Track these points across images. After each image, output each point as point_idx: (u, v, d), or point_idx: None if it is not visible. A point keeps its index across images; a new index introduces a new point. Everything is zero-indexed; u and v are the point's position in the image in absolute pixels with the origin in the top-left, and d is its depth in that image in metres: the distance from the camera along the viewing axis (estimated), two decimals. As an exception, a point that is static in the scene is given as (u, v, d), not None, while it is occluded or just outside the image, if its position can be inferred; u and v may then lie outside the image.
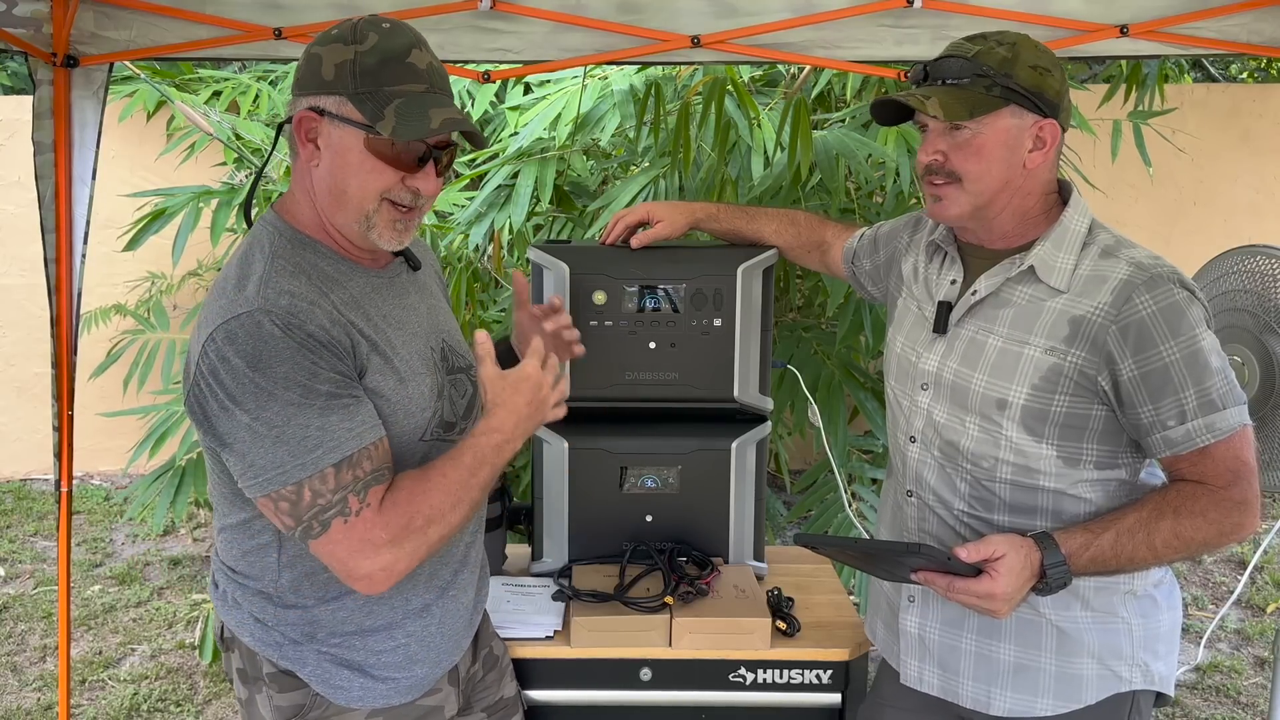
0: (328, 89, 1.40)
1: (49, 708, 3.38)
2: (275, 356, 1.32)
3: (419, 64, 1.41)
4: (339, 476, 1.35)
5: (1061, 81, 1.55)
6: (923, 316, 1.71)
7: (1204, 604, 4.24)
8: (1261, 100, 5.65)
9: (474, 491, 1.44)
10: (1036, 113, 1.53)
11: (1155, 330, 1.47)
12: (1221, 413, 1.47)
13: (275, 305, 1.35)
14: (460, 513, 1.43)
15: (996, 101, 1.52)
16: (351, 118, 1.39)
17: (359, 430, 1.37)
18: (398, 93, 1.39)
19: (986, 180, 1.55)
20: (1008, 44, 1.53)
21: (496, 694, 1.77)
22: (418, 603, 1.54)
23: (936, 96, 1.53)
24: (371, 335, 1.44)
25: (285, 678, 1.52)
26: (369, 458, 1.38)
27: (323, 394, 1.34)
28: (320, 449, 1.34)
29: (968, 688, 1.65)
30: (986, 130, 1.53)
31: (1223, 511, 1.48)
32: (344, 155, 1.41)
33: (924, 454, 1.67)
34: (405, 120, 1.37)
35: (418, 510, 1.39)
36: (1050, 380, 1.53)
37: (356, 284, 1.48)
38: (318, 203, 1.46)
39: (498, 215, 3.27)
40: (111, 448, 4.95)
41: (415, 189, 1.44)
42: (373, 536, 1.36)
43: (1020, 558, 1.47)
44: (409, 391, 1.47)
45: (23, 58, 2.37)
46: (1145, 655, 1.61)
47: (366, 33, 1.40)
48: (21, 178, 5.03)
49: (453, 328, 1.66)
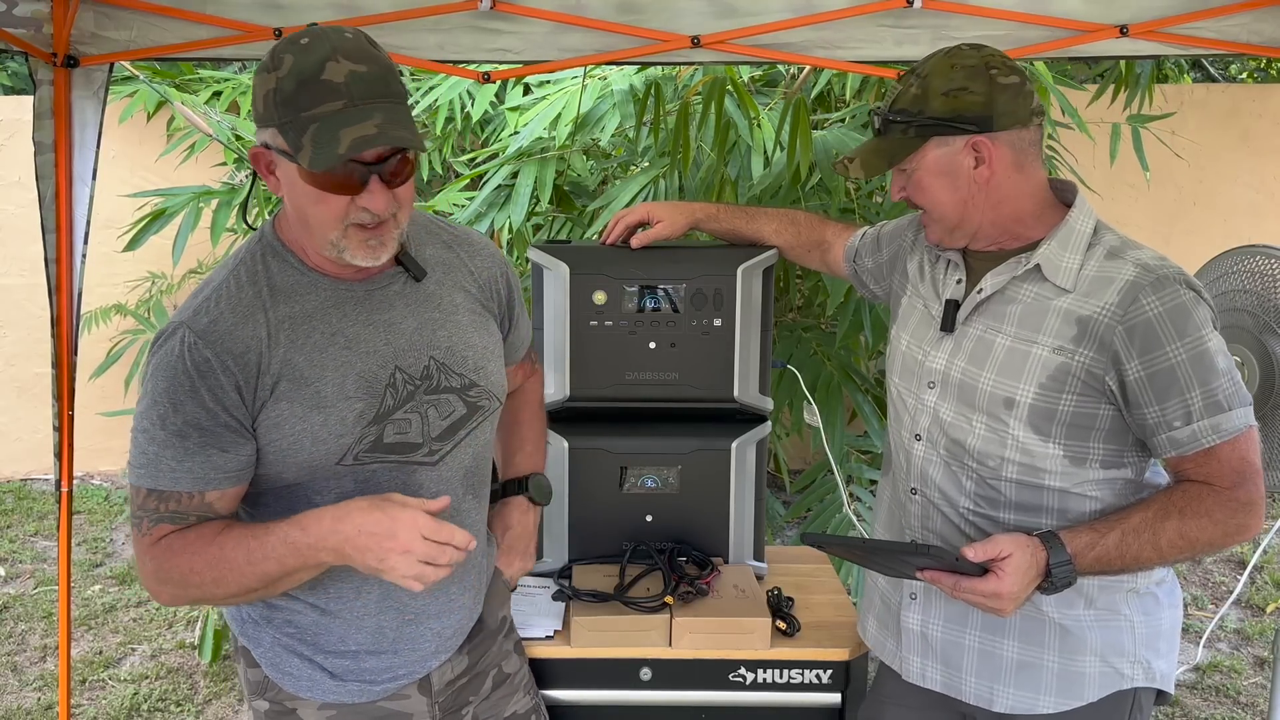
0: (263, 122, 1.36)
1: (49, 708, 3.38)
2: (165, 370, 1.40)
3: (335, 78, 1.30)
4: (146, 500, 1.42)
5: (986, 89, 1.53)
6: (929, 315, 1.71)
7: (1204, 604, 4.24)
8: (1261, 100, 5.65)
9: (249, 579, 1.39)
10: (962, 134, 1.55)
11: (1162, 331, 1.48)
12: (1227, 414, 1.48)
13: (197, 322, 1.41)
14: (226, 589, 1.40)
15: (914, 142, 1.58)
16: (283, 148, 1.34)
17: (180, 475, 1.40)
18: (314, 117, 1.30)
19: (943, 208, 1.61)
20: (920, 77, 1.58)
21: (506, 709, 1.75)
22: (370, 623, 1.54)
23: (860, 156, 1.64)
24: (294, 358, 1.43)
25: (248, 653, 1.57)
26: (177, 501, 1.41)
27: (173, 427, 1.39)
28: (145, 470, 1.41)
29: (970, 684, 1.66)
30: (919, 168, 1.60)
31: (1228, 512, 1.49)
32: (292, 187, 1.38)
33: (929, 452, 1.67)
34: (319, 148, 1.29)
35: (178, 566, 1.41)
36: (1058, 379, 1.53)
37: (314, 299, 1.47)
38: (298, 229, 1.47)
39: (497, 215, 3.27)
40: (111, 448, 4.95)
41: (364, 208, 1.36)
42: (142, 562, 1.44)
43: (1026, 557, 1.47)
44: (324, 418, 1.43)
45: (23, 58, 2.37)
46: (1147, 653, 1.61)
47: (283, 57, 1.32)
48: (21, 178, 5.03)
49: (460, 342, 1.57)
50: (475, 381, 1.57)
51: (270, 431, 1.43)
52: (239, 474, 1.43)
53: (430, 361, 1.53)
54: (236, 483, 1.44)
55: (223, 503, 1.44)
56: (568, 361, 2.05)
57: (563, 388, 2.07)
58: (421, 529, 1.32)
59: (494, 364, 1.63)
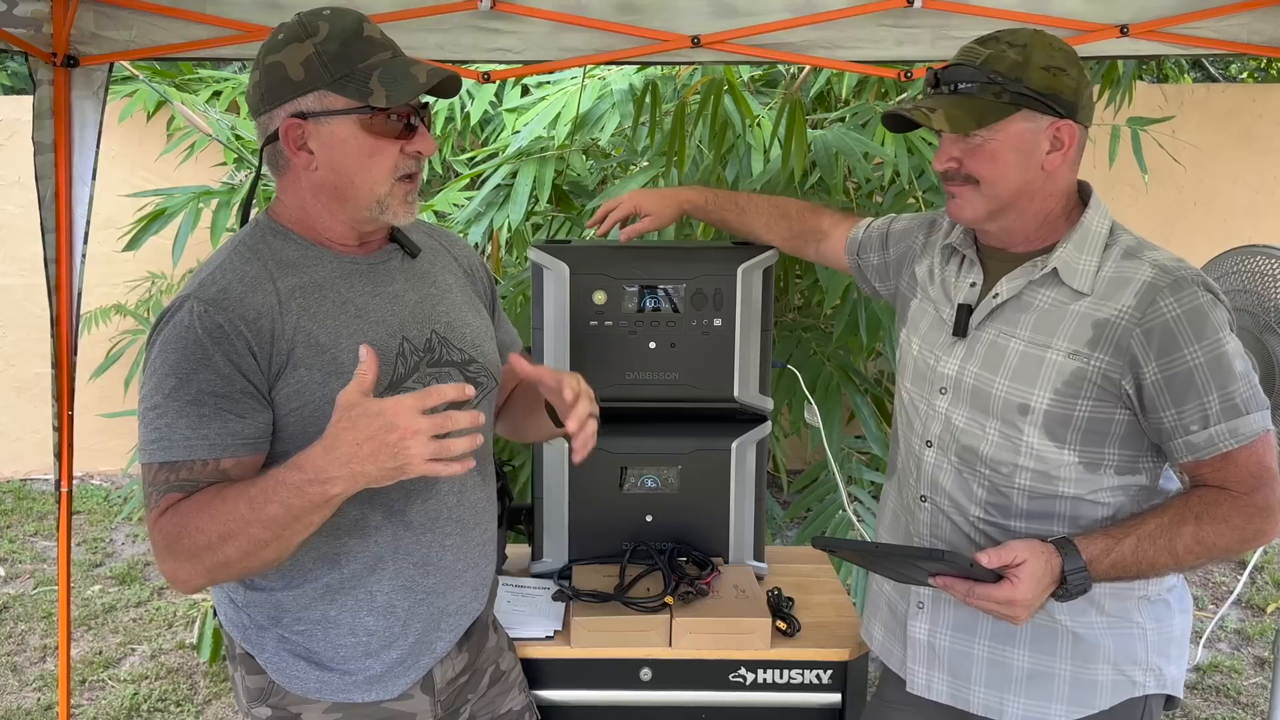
0: (302, 89, 1.40)
1: (49, 708, 3.38)
2: (175, 343, 1.38)
3: (375, 35, 1.43)
4: (158, 474, 1.38)
5: (1079, 78, 1.52)
6: (940, 319, 1.68)
7: (1204, 604, 4.24)
8: (1261, 100, 5.65)
9: (255, 529, 1.30)
10: (1052, 114, 1.51)
11: (1179, 333, 1.46)
12: (1245, 417, 1.46)
13: (205, 293, 1.40)
14: (236, 545, 1.31)
15: (1007, 108, 1.50)
16: (337, 107, 1.40)
17: (195, 443, 1.36)
18: (372, 65, 1.40)
19: (1003, 184, 1.54)
20: (1019, 46, 1.50)
21: (501, 707, 1.75)
22: (382, 600, 1.52)
23: (943, 109, 1.51)
24: (308, 326, 1.44)
25: (250, 660, 1.55)
26: (189, 469, 1.37)
27: (187, 396, 1.36)
28: (156, 445, 1.37)
29: (979, 695, 1.63)
30: (999, 136, 1.51)
31: (1245, 517, 1.47)
32: (341, 147, 1.42)
33: (940, 459, 1.64)
34: (394, 85, 1.39)
35: (184, 527, 1.34)
36: (1074, 385, 1.51)
37: (321, 270, 1.49)
38: (316, 206, 1.47)
39: (496, 214, 3.27)
40: (111, 448, 4.95)
41: (415, 152, 1.46)
42: (155, 539, 1.38)
43: (1041, 564, 1.45)
44: (343, 383, 1.39)
45: (23, 58, 2.37)
46: (1159, 659, 1.60)
47: (315, 24, 1.41)
48: (21, 178, 5.02)
49: (458, 319, 1.60)
50: (474, 358, 1.60)
51: (291, 400, 1.42)
52: (256, 442, 1.40)
53: (432, 335, 1.55)
54: (254, 451, 1.40)
55: (238, 470, 1.38)
56: (568, 361, 2.05)
57: (563, 388, 2.06)
58: (412, 405, 1.24)
59: (489, 345, 1.65)
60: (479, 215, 3.31)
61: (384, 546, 1.51)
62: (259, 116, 1.45)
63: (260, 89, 1.43)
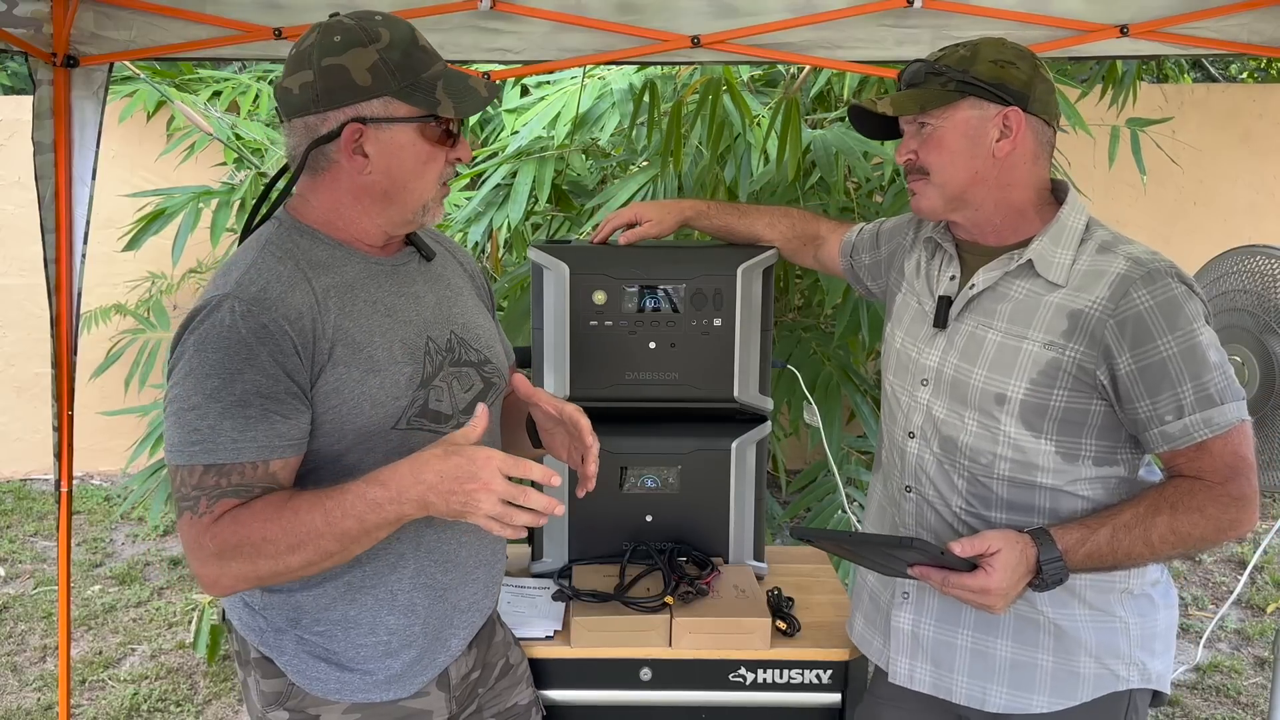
0: (367, 94, 1.41)
1: (49, 708, 3.38)
2: (216, 342, 1.36)
3: (428, 44, 1.47)
4: (204, 477, 1.35)
5: (1030, 72, 1.57)
6: (923, 311, 1.71)
7: (1204, 604, 4.24)
8: (1261, 100, 5.65)
9: (327, 541, 1.33)
10: (999, 102, 1.55)
11: (1153, 324, 1.48)
12: (1219, 408, 1.47)
13: (245, 292, 1.39)
14: (302, 556, 1.34)
15: (951, 95, 1.57)
16: (401, 114, 1.43)
17: (244, 445, 1.35)
18: (434, 75, 1.44)
19: (951, 171, 1.59)
20: (969, 44, 1.60)
21: (509, 700, 1.76)
22: (403, 599, 1.53)
23: (891, 96, 1.61)
24: (345, 324, 1.44)
25: (267, 664, 1.54)
26: (240, 473, 1.36)
27: (231, 397, 1.35)
28: (199, 446, 1.35)
29: (962, 684, 1.65)
30: (945, 123, 1.58)
31: (1220, 507, 1.48)
32: (399, 154, 1.44)
33: (923, 450, 1.67)
34: (458, 97, 1.44)
35: (248, 536, 1.34)
36: (1049, 375, 1.53)
37: (350, 270, 1.49)
38: (354, 208, 1.48)
39: (496, 214, 3.27)
40: (111, 448, 4.95)
41: (455, 160, 1.51)
42: (202, 543, 1.35)
43: (1015, 553, 1.47)
44: (380, 380, 1.45)
45: (23, 58, 2.37)
46: (1142, 654, 1.61)
47: (376, 30, 1.42)
48: (21, 178, 5.03)
49: (472, 321, 1.63)
50: (489, 359, 1.63)
51: (329, 398, 1.42)
52: (299, 442, 1.40)
53: (451, 335, 1.58)
54: (297, 451, 1.40)
55: (285, 473, 1.39)
56: (567, 361, 2.05)
57: (562, 388, 2.06)
58: (500, 466, 1.30)
59: (499, 347, 1.69)
60: (478, 215, 3.31)
61: (406, 543, 1.51)
62: (307, 117, 1.43)
63: (314, 90, 1.41)
